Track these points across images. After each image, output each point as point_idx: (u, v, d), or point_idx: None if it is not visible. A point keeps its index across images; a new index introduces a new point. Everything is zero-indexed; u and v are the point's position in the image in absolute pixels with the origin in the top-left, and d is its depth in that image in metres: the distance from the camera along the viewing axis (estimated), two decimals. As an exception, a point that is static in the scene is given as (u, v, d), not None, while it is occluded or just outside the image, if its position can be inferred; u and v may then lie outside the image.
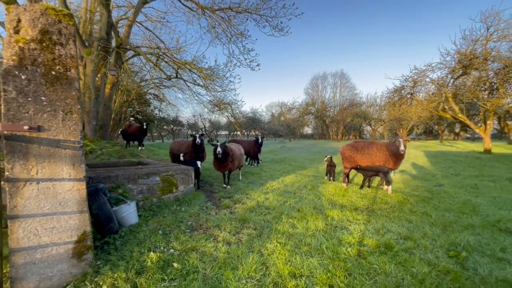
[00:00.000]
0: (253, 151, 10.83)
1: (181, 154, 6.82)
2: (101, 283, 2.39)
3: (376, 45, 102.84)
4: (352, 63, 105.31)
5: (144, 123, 11.97)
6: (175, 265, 2.72)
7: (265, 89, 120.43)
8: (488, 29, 12.78)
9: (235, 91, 14.02)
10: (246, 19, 11.58)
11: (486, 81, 14.05)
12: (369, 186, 6.44)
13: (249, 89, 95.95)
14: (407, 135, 36.85)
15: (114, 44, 11.61)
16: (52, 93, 2.36)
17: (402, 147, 5.55)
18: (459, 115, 15.16)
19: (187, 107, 38.48)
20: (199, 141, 6.96)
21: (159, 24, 13.87)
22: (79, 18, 11.79)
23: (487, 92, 14.75)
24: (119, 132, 12.34)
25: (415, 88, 16.29)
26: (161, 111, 26.45)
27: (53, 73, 2.37)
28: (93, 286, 2.36)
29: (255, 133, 41.42)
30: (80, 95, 2.55)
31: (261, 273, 2.59)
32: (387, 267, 2.66)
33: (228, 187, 6.44)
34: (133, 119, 22.13)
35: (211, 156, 6.83)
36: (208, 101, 16.42)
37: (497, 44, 12.95)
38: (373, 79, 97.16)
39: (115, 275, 2.49)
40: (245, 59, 12.18)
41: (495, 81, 13.67)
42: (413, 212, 4.50)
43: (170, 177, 4.86)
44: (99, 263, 2.72)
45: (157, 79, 16.82)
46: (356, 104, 44.46)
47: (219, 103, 17.02)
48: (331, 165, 7.40)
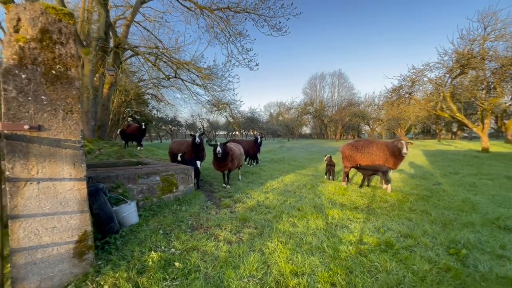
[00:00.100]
0: (252, 151, 10.83)
1: (179, 154, 6.80)
2: (103, 283, 2.39)
3: (374, 45, 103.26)
4: (350, 63, 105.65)
5: (142, 123, 11.93)
6: (176, 264, 2.72)
7: (264, 89, 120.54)
8: (485, 29, 12.89)
9: (233, 90, 14.01)
10: (244, 19, 11.59)
11: (483, 81, 14.16)
12: (368, 185, 6.46)
13: (247, 89, 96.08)
14: (405, 135, 37.01)
15: (112, 44, 11.57)
16: (52, 93, 2.35)
17: (405, 150, 5.51)
18: (457, 114, 15.25)
19: (186, 107, 38.52)
20: (199, 141, 6.95)
21: (157, 24, 13.84)
22: (76, 17, 11.73)
23: (484, 91, 14.86)
24: (118, 132, 12.29)
25: (413, 87, 16.39)
26: (159, 111, 26.42)
27: (53, 72, 2.36)
28: (94, 286, 2.35)
29: (253, 133, 41.43)
30: (80, 94, 2.54)
31: (262, 272, 2.60)
32: (388, 265, 2.67)
33: (228, 186, 6.44)
34: (131, 119, 22.08)
35: (210, 156, 6.83)
36: (206, 101, 16.40)
37: (494, 43, 13.10)
38: (371, 78, 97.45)
39: (117, 275, 2.48)
40: (244, 59, 12.20)
41: (492, 81, 13.78)
42: (413, 210, 4.53)
43: (170, 176, 4.85)
44: (100, 263, 2.71)
45: (155, 79, 16.79)
46: (354, 103, 44.57)
47: (217, 103, 17.00)
48: (330, 164, 7.42)
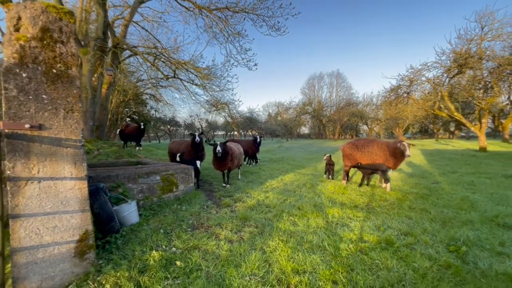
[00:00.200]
0: (251, 151, 10.83)
1: (178, 154, 6.79)
2: (104, 282, 2.38)
3: (372, 45, 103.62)
4: (348, 62, 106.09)
5: (141, 123, 11.89)
6: (178, 263, 2.72)
7: (263, 89, 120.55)
8: (482, 29, 12.98)
9: (232, 90, 14.01)
10: (243, 19, 11.59)
11: (481, 80, 14.25)
12: (367, 184, 6.48)
13: (246, 89, 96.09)
14: (403, 134, 37.14)
15: (110, 44, 11.54)
16: (53, 91, 2.34)
17: (407, 152, 5.49)
18: (455, 114, 15.33)
19: (184, 107, 38.42)
20: (199, 140, 6.94)
21: (156, 24, 13.80)
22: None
23: (482, 90, 14.96)
24: (118, 132, 12.24)
25: (411, 87, 16.46)
26: (157, 111, 26.35)
27: (54, 71, 2.35)
28: (96, 285, 2.34)
29: (252, 133, 41.41)
30: (81, 93, 2.54)
31: (264, 270, 2.60)
32: (389, 262, 2.69)
33: (227, 186, 6.44)
34: (130, 119, 22.01)
35: (210, 156, 6.82)
36: (205, 101, 16.38)
37: (492, 43, 13.20)
38: (369, 78, 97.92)
39: (118, 274, 2.48)
40: (243, 58, 12.21)
41: (489, 80, 13.88)
42: (412, 208, 4.55)
43: (170, 176, 4.85)
44: (101, 262, 2.70)
45: (154, 79, 16.75)
46: (352, 103, 44.64)
47: (216, 103, 16.98)
48: (330, 163, 7.44)
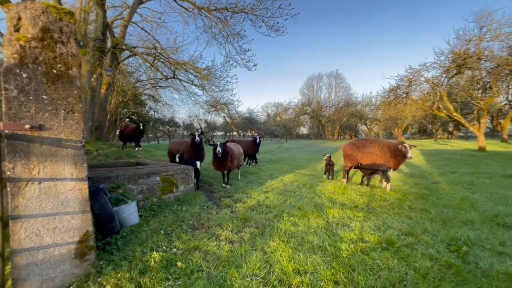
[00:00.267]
0: (251, 151, 10.82)
1: (177, 154, 6.77)
2: (105, 283, 2.37)
3: (371, 45, 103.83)
4: (347, 63, 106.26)
5: (140, 124, 11.87)
6: (178, 264, 2.71)
7: (261, 89, 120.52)
8: (481, 29, 13.05)
9: (231, 91, 13.99)
10: (242, 20, 11.59)
11: (479, 80, 14.31)
12: (367, 184, 6.48)
13: (245, 89, 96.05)
14: (402, 134, 37.24)
15: (109, 44, 11.52)
16: (53, 92, 2.33)
17: (410, 154, 5.46)
18: (454, 114, 15.38)
19: (183, 108, 38.33)
20: (199, 140, 6.93)
21: (155, 24, 13.81)
22: (73, 18, 11.64)
23: (480, 91, 15.01)
24: (117, 133, 12.22)
25: (410, 87, 16.49)
26: (156, 112, 26.30)
27: (54, 71, 2.34)
28: (96, 286, 2.33)
29: (251, 134, 41.40)
30: (81, 94, 2.53)
31: (265, 271, 2.60)
32: (390, 262, 2.69)
33: (227, 186, 6.43)
34: (128, 120, 21.96)
35: (209, 157, 6.81)
36: (204, 102, 16.38)
37: (490, 43, 13.26)
38: (368, 79, 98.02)
39: (119, 275, 2.47)
40: (242, 59, 12.21)
41: (488, 80, 13.93)
42: (413, 208, 4.56)
43: (170, 177, 4.83)
44: (101, 263, 2.69)
45: (153, 79, 16.73)
46: (351, 104, 44.69)
47: (215, 104, 16.99)
48: (329, 164, 7.45)
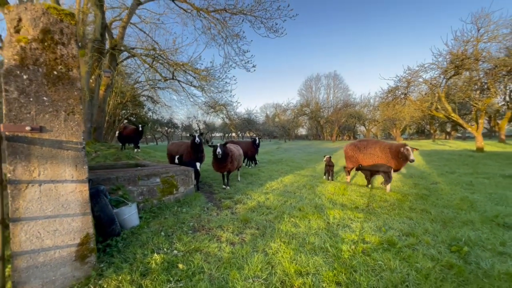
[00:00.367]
0: (250, 152, 10.82)
1: (177, 156, 6.74)
2: (106, 286, 2.36)
3: (370, 46, 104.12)
4: (345, 64, 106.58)
5: (139, 125, 11.83)
6: (180, 266, 2.69)
7: (260, 90, 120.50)
8: (478, 30, 13.12)
9: (230, 92, 13.99)
10: (241, 21, 11.59)
11: (477, 81, 14.39)
12: (367, 185, 6.46)
13: (244, 90, 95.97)
14: (400, 135, 37.36)
15: (108, 45, 11.49)
16: (54, 93, 2.32)
17: (412, 157, 5.39)
18: (452, 115, 15.45)
19: (182, 109, 38.30)
20: (199, 140, 6.91)
21: (154, 25, 13.82)
22: (72, 19, 11.60)
23: (478, 91, 15.10)
24: (117, 134, 12.17)
25: (408, 88, 16.56)
26: (155, 113, 26.25)
27: (55, 73, 2.33)
28: (97, 289, 2.32)
29: (250, 135, 41.36)
30: (82, 95, 2.52)
31: (267, 272, 2.59)
32: (391, 263, 2.69)
33: (227, 187, 6.41)
34: (127, 121, 21.89)
35: (209, 158, 6.79)
36: (203, 103, 16.36)
37: (488, 44, 13.34)
38: (366, 80, 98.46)
39: (120, 278, 2.45)
40: (241, 60, 12.20)
41: (485, 81, 14.01)
42: (413, 209, 4.57)
43: (170, 178, 4.82)
44: (102, 265, 2.67)
45: (151, 80, 16.71)
46: (350, 104, 44.82)
47: (214, 105, 16.97)
48: (329, 164, 7.45)
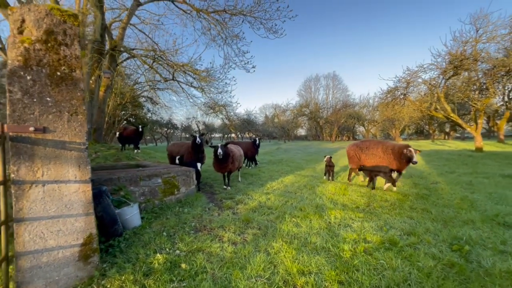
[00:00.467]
0: (250, 153, 10.83)
1: (178, 156, 6.75)
2: (109, 286, 2.36)
3: (369, 46, 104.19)
4: (345, 64, 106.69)
5: (139, 126, 11.84)
6: (182, 266, 2.70)
7: (260, 91, 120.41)
8: (477, 31, 13.18)
9: (230, 93, 14.01)
10: (241, 22, 11.60)
11: (476, 81, 14.45)
12: (368, 185, 6.46)
13: (243, 91, 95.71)
14: (399, 135, 37.44)
15: (108, 46, 11.49)
16: (57, 94, 2.33)
17: (415, 159, 5.37)
18: (451, 115, 15.50)
19: (181, 110, 38.32)
20: (200, 141, 6.92)
21: (153, 26, 13.80)
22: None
23: (477, 92, 15.16)
24: (117, 135, 12.17)
25: (408, 88, 16.61)
26: (154, 114, 26.25)
27: (58, 73, 2.34)
28: (100, 289, 2.32)
29: (249, 135, 41.39)
30: (85, 96, 2.53)
31: (269, 272, 2.60)
32: (393, 262, 2.70)
33: (228, 188, 6.42)
34: (126, 122, 21.87)
35: (209, 158, 6.79)
36: (203, 103, 16.37)
37: (486, 45, 13.40)
38: (366, 80, 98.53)
39: (123, 278, 2.46)
40: (241, 61, 12.21)
41: (484, 81, 14.07)
42: (413, 208, 4.59)
43: (171, 178, 4.83)
44: (105, 266, 2.68)
45: (151, 81, 16.71)
46: (349, 105, 44.92)
47: (214, 106, 16.98)
48: (330, 165, 7.46)
